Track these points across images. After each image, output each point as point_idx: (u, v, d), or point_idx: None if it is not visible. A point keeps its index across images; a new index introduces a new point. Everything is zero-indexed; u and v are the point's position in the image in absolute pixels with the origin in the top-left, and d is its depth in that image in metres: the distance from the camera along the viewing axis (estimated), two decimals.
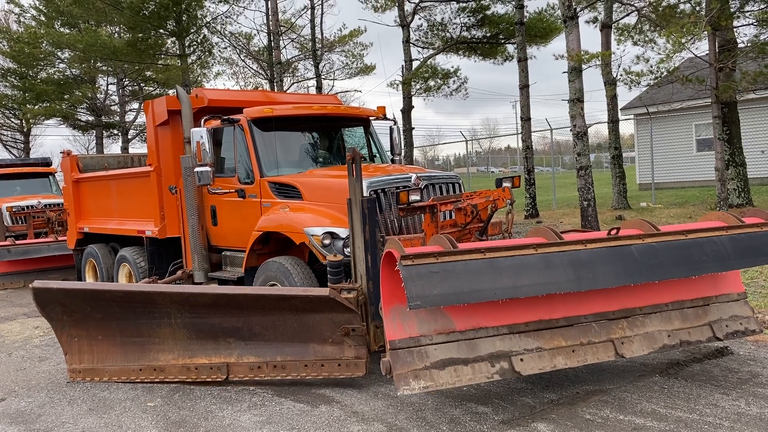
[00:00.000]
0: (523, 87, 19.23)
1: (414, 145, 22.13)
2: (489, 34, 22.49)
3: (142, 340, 5.92)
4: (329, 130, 8.19)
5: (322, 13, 26.98)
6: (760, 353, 5.73)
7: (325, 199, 6.48)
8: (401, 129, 13.12)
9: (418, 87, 22.21)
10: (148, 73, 26.85)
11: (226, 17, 25.55)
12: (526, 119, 19.49)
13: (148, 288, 6.15)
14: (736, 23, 15.06)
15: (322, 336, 5.32)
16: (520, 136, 20.58)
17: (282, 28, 24.49)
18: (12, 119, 32.45)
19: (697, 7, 15.13)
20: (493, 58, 23.01)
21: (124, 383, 5.92)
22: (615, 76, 17.94)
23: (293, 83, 28.24)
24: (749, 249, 5.06)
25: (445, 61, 49.07)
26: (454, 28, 22.50)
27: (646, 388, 4.98)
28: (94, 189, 10.18)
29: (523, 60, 19.14)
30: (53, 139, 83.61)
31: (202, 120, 7.52)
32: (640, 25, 17.91)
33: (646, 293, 5.11)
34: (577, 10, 13.82)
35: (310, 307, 5.27)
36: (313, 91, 26.24)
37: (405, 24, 21.21)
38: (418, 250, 4.31)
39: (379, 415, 4.78)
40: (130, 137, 29.50)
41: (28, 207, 15.20)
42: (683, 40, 13.48)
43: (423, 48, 23.13)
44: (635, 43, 17.74)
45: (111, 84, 29.62)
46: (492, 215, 6.32)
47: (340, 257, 5.62)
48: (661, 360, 5.64)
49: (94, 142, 31.49)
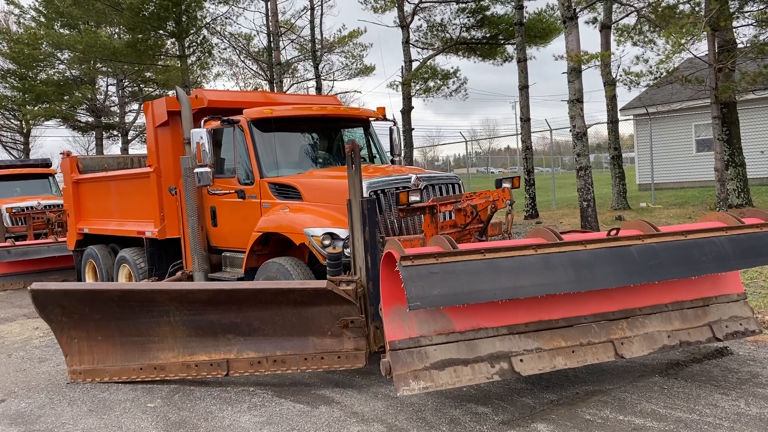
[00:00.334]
0: (523, 87, 19.25)
1: (414, 146, 22.13)
2: (488, 35, 22.50)
3: (141, 339, 5.90)
4: (329, 131, 8.20)
5: (321, 14, 26.99)
6: (759, 353, 5.73)
7: (324, 200, 6.48)
8: (401, 130, 13.11)
9: (417, 88, 22.21)
10: (148, 74, 26.86)
11: (226, 18, 25.66)
12: (525, 120, 19.50)
13: (145, 287, 6.13)
14: (735, 24, 15.07)
15: (321, 329, 5.30)
16: (519, 136, 20.59)
17: (282, 28, 24.52)
18: (12, 120, 32.47)
19: (697, 8, 15.13)
20: (492, 58, 23.02)
21: (124, 384, 5.92)
22: (614, 76, 17.94)
23: (293, 84, 28.29)
24: (749, 249, 5.07)
25: (445, 61, 49.11)
26: (453, 29, 22.52)
27: (645, 389, 4.99)
28: (94, 190, 10.18)
29: (522, 61, 19.15)
30: (53, 140, 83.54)
31: (202, 121, 7.53)
32: (639, 26, 17.89)
33: (645, 294, 5.11)
34: (577, 10, 13.83)
35: (308, 301, 5.25)
36: (312, 91, 26.25)
37: (404, 25, 21.21)
38: (418, 251, 4.32)
39: (379, 416, 4.79)
40: (129, 138, 29.49)
41: (27, 208, 15.20)
42: (682, 41, 13.49)
43: (422, 49, 23.16)
44: (635, 44, 17.73)
45: (111, 85, 29.66)
46: (492, 216, 6.33)
47: (339, 249, 5.60)
48: (660, 360, 5.64)
49: (94, 143, 31.52)
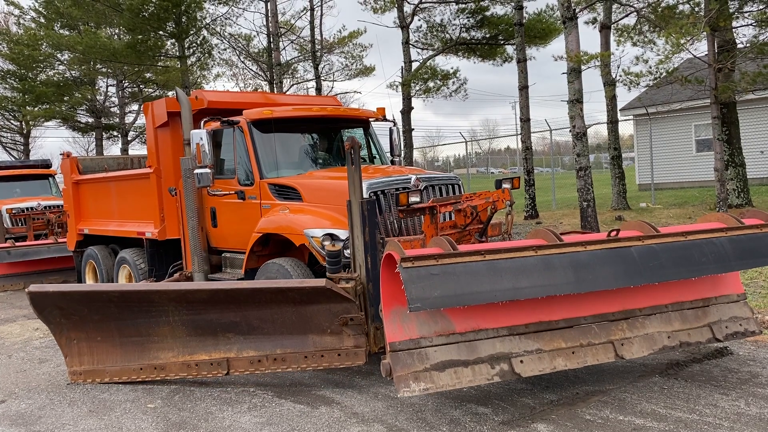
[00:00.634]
0: (523, 88, 19.25)
1: (414, 147, 22.12)
2: (488, 35, 22.49)
3: (141, 339, 5.90)
4: (329, 132, 8.20)
5: (321, 15, 27.04)
6: (759, 354, 5.73)
7: (324, 201, 6.48)
8: (401, 130, 13.10)
9: (417, 88, 22.19)
10: (148, 75, 26.87)
11: (226, 19, 25.64)
12: (525, 120, 19.50)
13: (144, 287, 6.12)
14: (735, 24, 15.06)
15: (320, 327, 5.30)
16: (519, 137, 20.59)
17: (281, 29, 24.51)
18: (12, 121, 32.48)
19: (696, 8, 15.13)
20: (492, 59, 23.01)
21: (124, 385, 5.92)
22: (614, 76, 17.93)
23: (293, 84, 28.29)
24: (749, 250, 5.07)
25: (445, 62, 49.12)
26: (453, 30, 22.50)
27: (646, 389, 4.99)
28: (94, 191, 10.19)
29: (522, 61, 19.15)
30: (53, 141, 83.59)
31: (202, 122, 7.54)
32: (639, 26, 17.89)
33: (645, 294, 5.11)
34: (576, 11, 13.81)
35: (307, 299, 5.25)
36: (312, 92, 26.25)
37: (404, 25, 21.20)
38: (418, 252, 4.32)
39: (379, 416, 4.79)
40: (129, 139, 29.48)
41: (28, 209, 15.21)
42: (682, 41, 13.48)
43: (422, 49, 23.14)
44: (634, 44, 17.69)
45: (111, 86, 29.65)
46: (492, 216, 6.33)
47: (339, 246, 5.60)
48: (660, 361, 5.65)
49: (94, 143, 31.52)
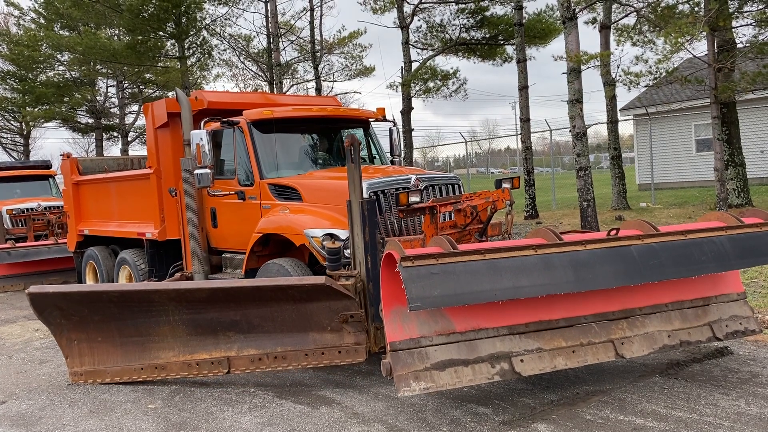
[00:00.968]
0: (523, 88, 19.25)
1: (413, 147, 22.12)
2: (488, 36, 22.50)
3: (141, 339, 5.90)
4: (329, 132, 8.20)
5: (321, 15, 27.05)
6: (759, 353, 5.73)
7: (324, 201, 6.48)
8: (401, 130, 13.10)
9: (417, 88, 22.19)
10: (148, 76, 26.89)
11: (226, 19, 25.68)
12: (525, 120, 19.51)
13: (143, 287, 6.12)
14: (734, 23, 15.06)
15: (321, 324, 5.30)
16: (519, 137, 20.59)
17: (281, 29, 24.51)
18: (12, 122, 32.51)
19: (696, 8, 15.13)
20: (492, 59, 23.02)
21: (124, 385, 5.92)
22: (614, 76, 17.95)
23: (293, 85, 28.31)
24: (749, 249, 5.07)
25: (445, 62, 49.06)
26: (453, 30, 22.51)
27: (646, 389, 4.99)
28: (94, 191, 10.19)
29: (522, 61, 19.16)
30: (53, 142, 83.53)
31: (202, 122, 7.54)
32: (639, 26, 17.89)
33: (646, 293, 5.11)
34: (576, 11, 13.81)
35: (307, 297, 5.25)
36: (312, 92, 26.26)
37: (404, 25, 21.20)
38: (418, 252, 4.32)
39: (379, 417, 4.79)
40: (129, 139, 29.51)
41: (28, 210, 15.21)
42: (681, 40, 13.48)
43: (422, 49, 23.14)
44: (634, 44, 17.70)
45: (111, 86, 29.68)
46: (492, 216, 6.33)
47: (339, 244, 5.60)
48: (661, 360, 5.65)
49: (94, 144, 31.55)
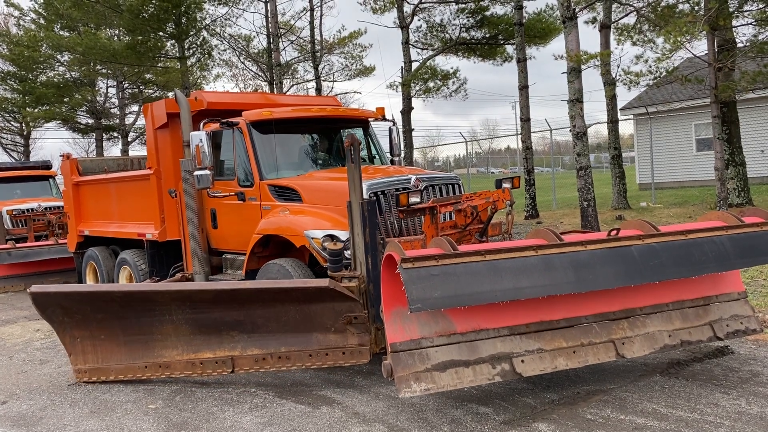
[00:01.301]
0: (523, 88, 19.25)
1: (414, 147, 22.12)
2: (488, 35, 22.50)
3: (145, 338, 5.90)
4: (328, 132, 8.19)
5: (321, 15, 27.04)
6: (760, 352, 5.73)
7: (325, 202, 6.48)
8: (401, 130, 13.11)
9: (417, 88, 22.19)
10: (148, 76, 26.89)
11: (226, 19, 25.67)
12: (525, 120, 19.50)
13: (148, 287, 6.12)
14: (734, 23, 15.06)
15: (324, 325, 5.32)
16: (519, 136, 20.59)
17: (281, 30, 24.51)
18: (12, 122, 32.50)
19: (696, 7, 15.12)
20: (492, 59, 23.02)
21: (125, 385, 5.92)
22: (614, 76, 17.94)
23: (293, 85, 28.30)
24: (749, 248, 5.07)
25: (445, 62, 49.06)
26: (453, 30, 22.51)
27: (647, 388, 4.99)
28: (94, 192, 10.19)
29: (522, 61, 19.16)
30: (53, 142, 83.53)
31: (201, 123, 7.53)
32: (639, 26, 17.89)
33: (646, 293, 5.11)
34: (576, 10, 13.81)
35: (311, 298, 5.26)
36: (312, 92, 26.26)
37: (404, 25, 21.20)
38: (419, 253, 4.32)
39: (380, 417, 4.79)
40: (129, 140, 29.50)
41: (28, 210, 15.21)
42: (681, 39, 13.48)
43: (422, 49, 23.14)
44: (634, 44, 17.70)
45: (111, 87, 29.69)
46: (492, 216, 6.33)
47: (340, 245, 5.60)
48: (661, 360, 5.64)
49: (94, 144, 31.56)
